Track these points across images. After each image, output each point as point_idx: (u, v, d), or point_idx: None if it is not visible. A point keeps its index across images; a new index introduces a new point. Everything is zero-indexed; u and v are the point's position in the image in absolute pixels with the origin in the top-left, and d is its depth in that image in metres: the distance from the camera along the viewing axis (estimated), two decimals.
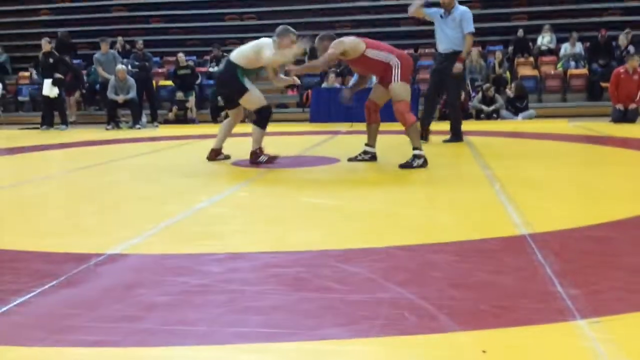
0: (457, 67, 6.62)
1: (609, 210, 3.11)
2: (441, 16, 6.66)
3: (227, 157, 5.33)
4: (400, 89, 4.71)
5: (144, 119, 11.20)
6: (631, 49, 11.94)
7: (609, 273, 2.10)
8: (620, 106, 9.45)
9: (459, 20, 6.61)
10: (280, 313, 1.77)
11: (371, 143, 5.12)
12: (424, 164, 4.60)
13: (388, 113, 5.14)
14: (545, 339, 1.57)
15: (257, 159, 4.88)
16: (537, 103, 11.91)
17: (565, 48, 12.91)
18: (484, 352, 1.49)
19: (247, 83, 4.92)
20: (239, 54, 4.95)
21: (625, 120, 9.34)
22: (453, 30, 6.62)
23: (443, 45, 6.73)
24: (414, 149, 4.64)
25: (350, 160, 5.13)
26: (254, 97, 4.95)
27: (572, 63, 12.80)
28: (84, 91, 12.92)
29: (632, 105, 9.40)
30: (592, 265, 2.19)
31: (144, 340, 1.60)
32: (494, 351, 1.50)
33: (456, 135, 6.84)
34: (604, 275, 2.06)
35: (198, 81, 12.58)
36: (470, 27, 6.60)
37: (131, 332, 1.65)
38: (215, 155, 5.28)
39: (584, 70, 12.66)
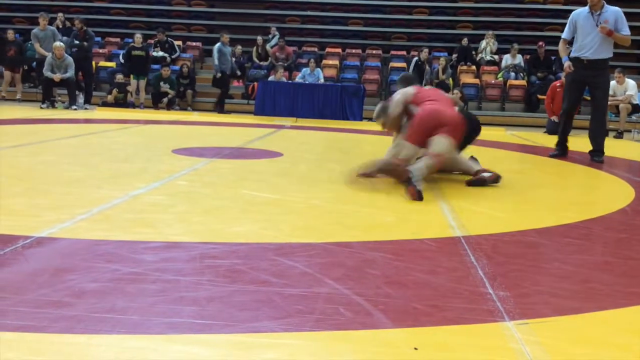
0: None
1: (539, 217, 3.23)
2: (592, 17, 5.78)
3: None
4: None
5: (81, 99, 10.84)
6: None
7: (536, 277, 2.17)
8: (554, 118, 9.82)
9: (613, 20, 5.74)
10: (215, 304, 1.75)
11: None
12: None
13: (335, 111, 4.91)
14: (475, 338, 1.61)
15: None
16: (476, 110, 12.27)
17: (506, 59, 13.35)
18: (415, 349, 1.52)
19: None
20: None
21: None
22: (602, 35, 5.74)
23: (591, 51, 5.82)
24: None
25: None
26: None
27: (512, 74, 13.25)
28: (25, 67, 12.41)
29: None
30: (521, 269, 2.27)
31: (71, 327, 1.55)
32: (425, 349, 1.52)
33: (602, 152, 6.06)
34: (531, 279, 2.14)
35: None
36: (627, 29, 5.80)
37: (58, 318, 1.59)
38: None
39: (523, 82, 13.11)
